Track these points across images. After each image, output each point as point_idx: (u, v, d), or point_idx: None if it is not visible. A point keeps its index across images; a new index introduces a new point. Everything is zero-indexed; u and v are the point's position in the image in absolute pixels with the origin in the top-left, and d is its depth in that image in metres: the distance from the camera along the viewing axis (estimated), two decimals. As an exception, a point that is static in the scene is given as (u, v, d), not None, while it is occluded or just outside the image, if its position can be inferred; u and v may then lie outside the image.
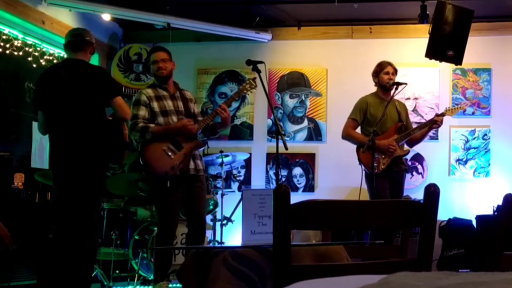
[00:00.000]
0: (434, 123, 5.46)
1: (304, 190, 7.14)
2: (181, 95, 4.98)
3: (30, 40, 6.08)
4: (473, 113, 6.98)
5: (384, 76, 5.48)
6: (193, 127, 4.80)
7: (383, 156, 5.34)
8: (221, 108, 4.87)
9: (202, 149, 5.17)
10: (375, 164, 5.24)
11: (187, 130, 4.78)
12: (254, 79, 4.95)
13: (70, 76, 4.30)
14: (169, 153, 4.75)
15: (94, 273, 5.70)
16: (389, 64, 5.52)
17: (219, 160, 6.22)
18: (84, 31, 4.58)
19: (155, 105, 4.82)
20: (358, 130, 5.58)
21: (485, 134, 6.93)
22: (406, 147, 5.61)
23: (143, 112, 4.78)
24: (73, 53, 4.43)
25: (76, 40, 4.44)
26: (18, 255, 4.86)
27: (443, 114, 5.52)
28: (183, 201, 4.82)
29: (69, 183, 4.26)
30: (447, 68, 6.89)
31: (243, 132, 7.24)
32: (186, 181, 4.78)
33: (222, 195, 6.18)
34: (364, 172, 5.41)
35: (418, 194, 6.33)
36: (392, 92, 5.41)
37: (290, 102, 7.30)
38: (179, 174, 4.73)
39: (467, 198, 6.82)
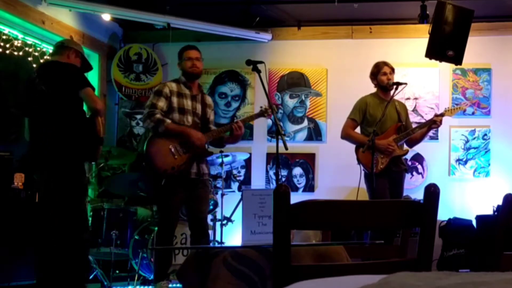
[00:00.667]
0: (433, 123, 5.46)
1: (304, 190, 7.14)
2: (202, 99, 5.00)
3: (30, 40, 6.08)
4: (473, 113, 6.98)
5: (383, 77, 5.49)
6: (197, 143, 4.78)
7: (381, 156, 5.34)
8: (237, 125, 4.90)
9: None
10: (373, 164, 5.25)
11: (192, 142, 4.76)
12: (277, 105, 4.98)
13: (43, 81, 4.43)
14: (174, 153, 4.75)
15: (95, 273, 5.71)
16: (385, 64, 5.53)
17: (219, 160, 6.22)
18: (67, 41, 4.83)
19: (174, 100, 4.82)
20: (358, 130, 5.59)
21: (485, 134, 6.93)
22: (405, 147, 5.61)
23: (162, 103, 4.78)
24: (51, 57, 4.73)
25: (55, 46, 4.72)
26: (18, 255, 4.86)
27: (442, 114, 5.52)
28: (184, 202, 4.82)
29: (48, 184, 4.35)
30: (447, 68, 6.89)
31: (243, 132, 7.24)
32: (185, 183, 4.78)
33: (222, 195, 6.18)
34: (363, 172, 5.42)
35: (418, 194, 6.33)
36: (392, 92, 5.42)
37: (290, 102, 7.30)
38: (177, 175, 4.73)
39: (467, 198, 6.82)
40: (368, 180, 5.38)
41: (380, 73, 5.50)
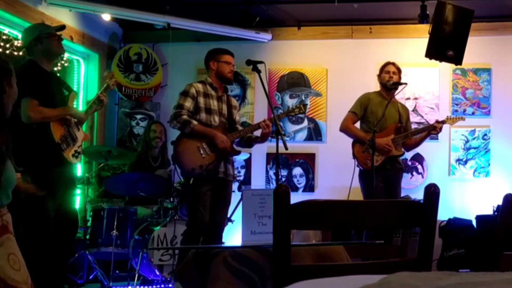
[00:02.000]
0: (433, 129, 5.46)
1: (304, 190, 7.14)
2: (227, 100, 5.01)
3: (30, 40, 6.07)
4: (473, 113, 6.98)
5: (385, 75, 5.52)
6: (222, 146, 4.77)
7: (377, 154, 5.35)
8: (265, 123, 4.90)
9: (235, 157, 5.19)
10: (368, 161, 5.25)
11: (220, 147, 4.76)
12: (305, 105, 4.98)
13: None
14: (202, 152, 4.76)
15: (95, 273, 5.71)
16: (391, 63, 5.56)
17: (219, 160, 6.21)
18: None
19: (201, 100, 4.83)
20: (357, 125, 5.60)
21: (485, 134, 6.93)
22: (402, 149, 5.61)
23: (189, 103, 4.79)
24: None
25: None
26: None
27: (443, 122, 5.55)
28: (210, 200, 4.82)
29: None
30: (447, 68, 6.89)
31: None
32: (213, 183, 4.79)
33: (222, 195, 6.17)
34: (357, 169, 5.43)
35: (418, 194, 6.32)
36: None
37: (290, 102, 7.29)
38: (206, 174, 4.73)
39: (467, 198, 6.82)
40: (362, 178, 5.40)
41: (384, 71, 5.54)
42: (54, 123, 4.35)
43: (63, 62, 6.72)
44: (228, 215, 6.21)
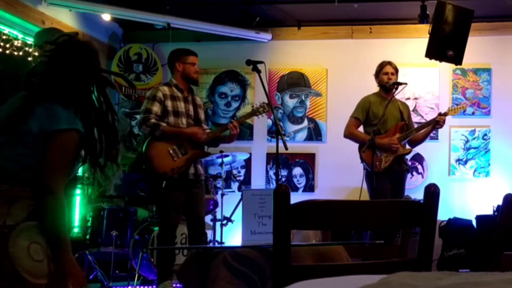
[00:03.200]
0: (437, 123, 5.45)
1: (304, 190, 7.14)
2: (193, 100, 5.05)
3: (30, 40, 6.07)
4: (473, 113, 6.98)
5: (383, 76, 5.50)
6: (202, 137, 4.86)
7: (385, 155, 5.34)
8: (233, 125, 4.94)
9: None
10: (377, 163, 5.24)
11: (196, 139, 4.85)
12: (267, 104, 4.99)
13: None
14: (173, 155, 4.80)
15: (95, 273, 5.71)
16: (389, 63, 5.53)
17: (219, 160, 6.22)
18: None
19: (168, 103, 4.87)
20: (361, 129, 5.58)
21: (485, 134, 6.93)
22: (408, 146, 5.61)
23: (156, 108, 4.83)
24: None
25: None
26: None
27: (446, 114, 5.52)
28: (183, 202, 4.85)
29: None
30: (447, 68, 6.89)
31: (243, 132, 7.24)
32: (184, 184, 4.82)
33: (222, 195, 6.18)
34: (365, 171, 5.41)
35: (418, 194, 6.32)
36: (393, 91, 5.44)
37: (290, 102, 7.30)
38: (177, 177, 4.76)
39: (467, 198, 6.82)
40: (369, 179, 5.38)
41: (382, 72, 5.51)
42: None
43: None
44: (228, 215, 6.22)
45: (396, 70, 5.54)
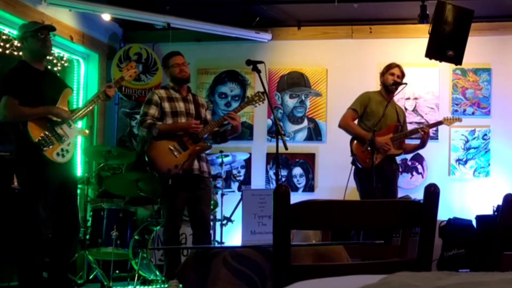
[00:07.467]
0: (424, 133, 5.45)
1: (304, 190, 7.14)
2: (194, 99, 5.09)
3: (30, 40, 6.07)
4: (473, 113, 6.98)
5: (389, 76, 5.49)
6: (198, 128, 4.87)
7: (376, 152, 5.34)
8: (230, 116, 4.94)
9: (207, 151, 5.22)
10: (367, 159, 5.25)
11: (192, 129, 4.86)
12: (263, 92, 4.97)
13: None
14: (175, 152, 4.84)
15: (95, 273, 5.71)
16: (397, 66, 5.53)
17: (219, 160, 6.22)
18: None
19: (166, 105, 4.91)
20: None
21: (485, 134, 6.93)
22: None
23: (153, 110, 4.88)
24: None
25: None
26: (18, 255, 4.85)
27: (440, 123, 5.58)
28: (187, 201, 4.87)
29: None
30: (447, 68, 6.89)
31: (243, 132, 7.24)
32: (190, 181, 4.83)
33: (222, 195, 6.18)
34: (354, 167, 5.42)
35: (418, 194, 6.32)
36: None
37: (290, 102, 7.30)
38: (182, 173, 4.79)
39: (467, 198, 6.82)
40: (359, 176, 5.39)
41: (388, 72, 5.50)
42: (34, 123, 4.31)
43: (63, 62, 6.73)
44: (228, 215, 6.22)
45: (403, 75, 5.53)
